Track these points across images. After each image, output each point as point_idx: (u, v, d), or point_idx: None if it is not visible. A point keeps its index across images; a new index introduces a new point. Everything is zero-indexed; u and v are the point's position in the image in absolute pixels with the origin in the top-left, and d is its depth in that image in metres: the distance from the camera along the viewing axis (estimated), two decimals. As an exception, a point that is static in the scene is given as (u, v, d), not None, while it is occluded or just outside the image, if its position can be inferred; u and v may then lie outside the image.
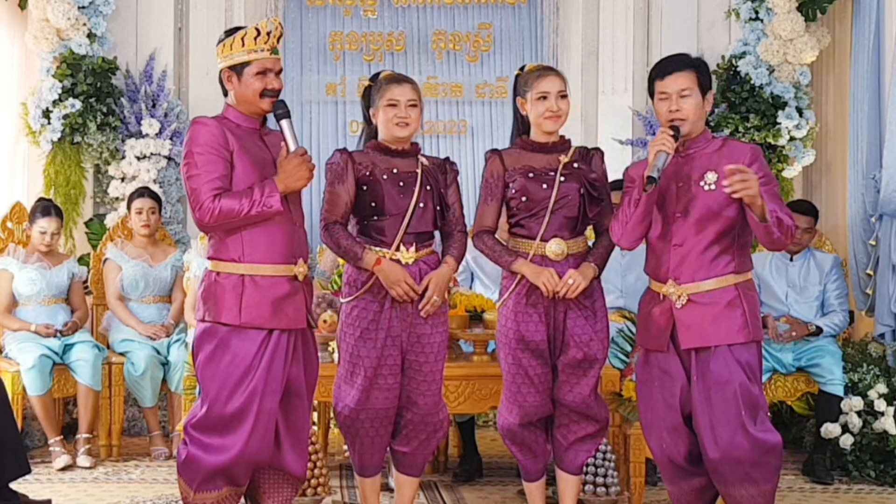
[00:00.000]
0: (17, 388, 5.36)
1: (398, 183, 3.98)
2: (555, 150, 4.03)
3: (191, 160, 3.56)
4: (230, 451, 3.56)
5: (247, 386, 3.55)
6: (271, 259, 3.61)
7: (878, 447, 5.26)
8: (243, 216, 3.53)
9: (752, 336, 3.63)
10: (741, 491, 3.57)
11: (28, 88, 6.41)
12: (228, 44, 3.63)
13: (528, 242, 3.99)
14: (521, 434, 4.04)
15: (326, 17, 7.28)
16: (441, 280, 3.99)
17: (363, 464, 4.10)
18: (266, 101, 3.64)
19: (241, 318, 3.57)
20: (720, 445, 3.56)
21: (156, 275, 5.90)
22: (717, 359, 3.60)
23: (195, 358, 3.66)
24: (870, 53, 5.96)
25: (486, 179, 4.08)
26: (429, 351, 4.01)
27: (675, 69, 3.69)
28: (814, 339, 5.41)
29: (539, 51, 7.27)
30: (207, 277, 3.67)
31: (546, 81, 4.02)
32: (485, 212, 4.09)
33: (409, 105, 3.99)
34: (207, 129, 3.58)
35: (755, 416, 3.58)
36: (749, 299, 3.65)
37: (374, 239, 3.99)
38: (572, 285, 3.90)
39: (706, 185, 3.64)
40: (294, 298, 3.65)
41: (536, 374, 3.98)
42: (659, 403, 3.74)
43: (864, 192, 5.90)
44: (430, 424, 4.07)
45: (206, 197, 3.51)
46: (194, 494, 3.60)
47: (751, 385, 3.59)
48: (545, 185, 3.97)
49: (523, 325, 3.97)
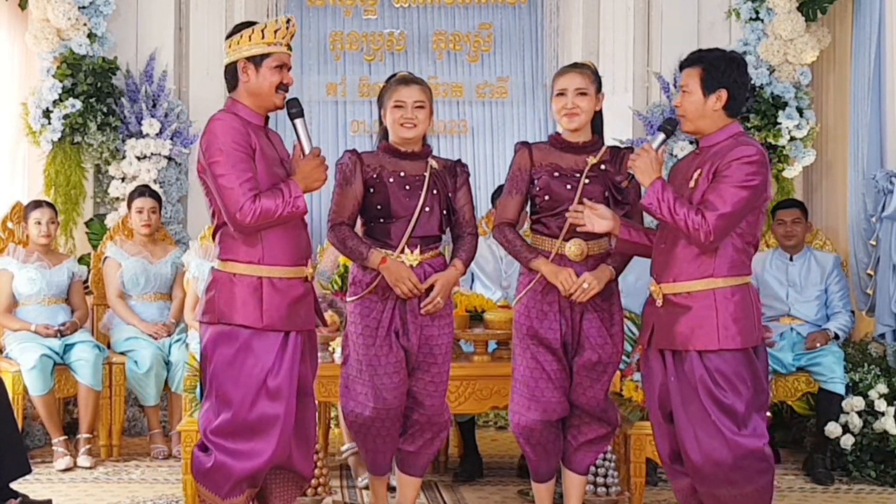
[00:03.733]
0: (18, 388, 5.35)
1: (405, 186, 3.97)
2: (584, 150, 3.98)
3: (219, 158, 3.46)
4: (262, 456, 3.52)
5: (273, 389, 3.51)
6: (289, 261, 3.58)
7: (878, 447, 5.26)
8: (276, 216, 3.48)
9: (724, 344, 3.48)
10: (721, 491, 3.53)
11: (28, 88, 6.41)
12: (247, 35, 3.57)
13: (549, 241, 3.96)
14: (540, 432, 3.98)
15: (327, 17, 7.30)
16: (447, 282, 3.99)
17: (375, 462, 4.11)
18: (280, 97, 3.62)
19: (263, 320, 3.52)
20: (701, 447, 3.51)
21: (156, 271, 5.90)
22: (688, 363, 3.54)
23: (206, 361, 3.58)
24: (870, 53, 5.96)
25: (513, 172, 4.04)
26: (437, 353, 4.01)
27: (682, 66, 3.68)
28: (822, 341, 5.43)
29: (539, 51, 7.28)
30: (218, 279, 3.58)
31: (564, 79, 3.98)
32: (507, 204, 4.05)
33: (415, 106, 3.98)
34: (231, 126, 3.50)
35: (735, 421, 3.49)
36: (733, 305, 3.51)
37: (379, 241, 3.99)
38: (587, 289, 3.86)
39: (691, 182, 3.59)
40: (307, 300, 3.64)
41: (553, 370, 3.95)
42: (648, 401, 3.75)
43: (864, 192, 5.89)
44: (435, 425, 4.07)
45: (245, 198, 3.43)
46: (223, 502, 3.55)
47: (722, 394, 3.48)
48: (569, 186, 3.93)
49: (537, 322, 3.95)
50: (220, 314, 3.54)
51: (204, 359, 3.60)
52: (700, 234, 3.46)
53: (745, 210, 3.51)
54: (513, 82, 7.32)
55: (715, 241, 3.49)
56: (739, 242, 3.56)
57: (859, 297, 5.91)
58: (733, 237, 3.54)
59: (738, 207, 3.48)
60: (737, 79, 3.60)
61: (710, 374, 3.50)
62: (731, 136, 3.60)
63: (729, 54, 3.66)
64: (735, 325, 3.51)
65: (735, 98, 3.60)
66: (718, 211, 3.46)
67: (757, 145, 3.57)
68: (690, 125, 3.66)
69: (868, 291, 5.83)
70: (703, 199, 3.51)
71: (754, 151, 3.51)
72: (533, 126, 7.25)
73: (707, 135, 3.64)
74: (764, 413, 3.61)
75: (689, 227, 3.47)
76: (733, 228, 3.51)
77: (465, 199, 4.11)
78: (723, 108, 3.60)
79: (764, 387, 3.60)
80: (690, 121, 3.64)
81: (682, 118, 3.67)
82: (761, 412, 3.58)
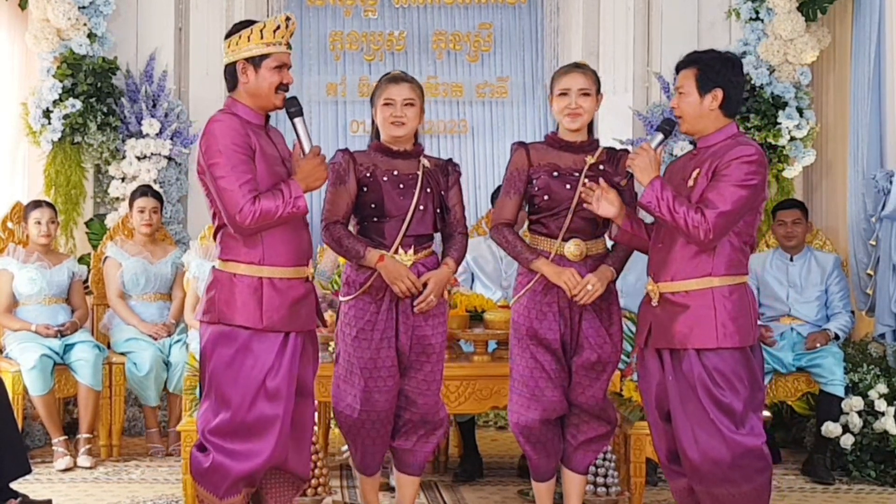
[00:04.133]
0: (18, 388, 5.36)
1: (398, 185, 3.98)
2: (582, 149, 3.98)
3: (218, 160, 3.45)
4: (260, 457, 3.51)
5: (271, 390, 3.51)
6: (289, 261, 3.57)
7: (878, 447, 5.26)
8: (277, 217, 3.47)
9: (723, 343, 3.50)
10: (719, 490, 3.53)
11: (28, 88, 6.41)
12: (245, 35, 3.55)
13: (548, 241, 3.96)
14: (540, 431, 3.99)
15: (327, 16, 7.29)
16: (440, 280, 3.99)
17: (364, 463, 4.12)
18: (280, 97, 3.61)
19: (264, 321, 3.51)
20: (699, 446, 3.51)
21: (156, 271, 5.90)
22: (686, 362, 3.55)
23: (205, 361, 3.57)
24: (870, 53, 5.96)
25: (510, 172, 4.03)
26: (430, 352, 4.01)
27: (678, 68, 3.69)
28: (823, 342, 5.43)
29: (539, 51, 7.28)
30: (218, 279, 3.57)
31: (567, 78, 3.97)
32: (505, 204, 4.05)
33: (404, 104, 3.98)
34: (230, 128, 3.49)
35: (733, 420, 3.50)
36: (731, 304, 3.53)
37: (373, 241, 3.99)
38: (591, 291, 3.86)
39: (690, 181, 3.60)
40: (308, 300, 3.64)
41: (553, 370, 3.95)
42: (645, 401, 3.75)
43: (864, 192, 5.89)
44: (429, 423, 4.08)
45: (244, 200, 3.42)
46: (220, 502, 3.55)
47: (720, 392, 3.50)
48: (568, 186, 3.92)
49: (536, 322, 3.95)
50: (220, 314, 3.53)
51: (203, 359, 3.59)
52: (700, 232, 3.47)
53: (744, 209, 3.52)
54: (513, 82, 7.32)
55: (714, 240, 3.50)
56: (737, 242, 3.57)
57: (859, 297, 5.91)
58: (731, 236, 3.55)
59: (738, 206, 3.49)
60: (732, 78, 3.62)
61: (709, 373, 3.51)
62: (730, 137, 3.61)
63: (723, 54, 3.67)
64: (733, 323, 3.52)
65: (731, 97, 3.61)
66: (718, 209, 3.47)
67: (755, 145, 3.58)
68: (688, 126, 3.67)
69: (868, 291, 5.84)
70: (702, 197, 3.52)
71: (753, 151, 3.53)
72: (533, 126, 7.25)
73: (705, 135, 3.66)
74: (761, 412, 3.62)
75: (688, 226, 3.48)
76: (732, 227, 3.53)
77: (457, 199, 4.12)
78: (719, 107, 3.61)
79: (761, 385, 3.62)
80: (688, 122, 3.66)
81: (679, 119, 3.68)
82: (758, 411, 3.60)
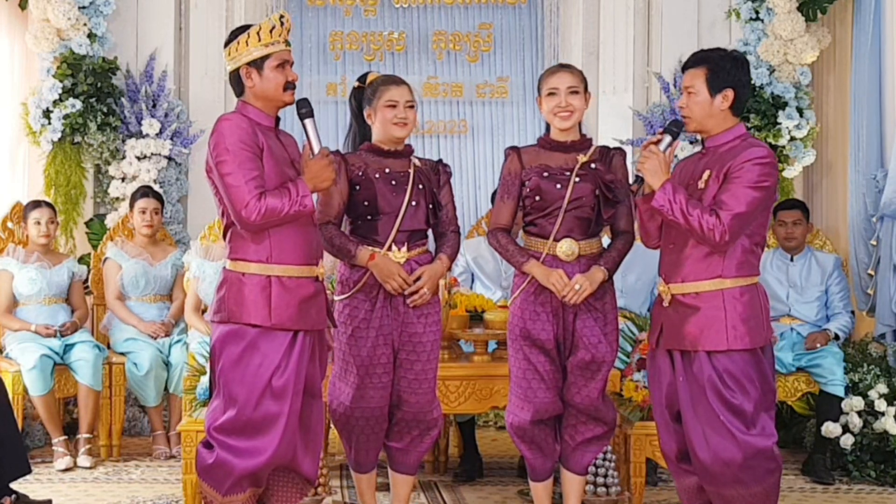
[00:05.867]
0: (18, 388, 5.36)
1: (390, 181, 4.01)
2: (574, 149, 3.99)
3: (225, 158, 3.48)
4: (263, 454, 3.53)
5: (277, 388, 3.52)
6: (298, 260, 3.59)
7: (878, 447, 5.26)
8: (283, 215, 3.49)
9: (733, 345, 3.51)
10: (730, 491, 3.54)
11: (28, 88, 6.41)
12: (243, 41, 3.58)
13: (541, 242, 3.97)
14: (532, 431, 4.00)
15: (327, 16, 7.29)
16: (434, 274, 4.01)
17: (358, 460, 4.13)
18: (289, 94, 3.63)
19: (272, 319, 3.53)
20: (710, 446, 3.52)
21: (156, 273, 5.90)
22: (697, 363, 3.56)
23: (215, 359, 3.59)
24: (870, 53, 5.96)
25: (504, 177, 4.06)
26: (420, 350, 4.02)
27: (686, 67, 3.69)
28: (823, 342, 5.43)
29: (539, 51, 7.27)
30: (228, 278, 3.60)
31: (555, 78, 3.99)
32: (500, 209, 4.07)
33: (406, 106, 4.03)
34: (238, 126, 3.52)
35: (744, 421, 3.51)
36: (742, 305, 3.53)
37: (367, 239, 4.01)
38: (579, 290, 3.87)
39: (701, 182, 3.60)
40: (317, 299, 3.65)
41: (546, 371, 3.96)
42: (654, 401, 3.75)
43: (864, 192, 5.90)
44: (422, 422, 4.08)
45: (250, 196, 3.45)
46: (222, 498, 3.56)
47: (730, 394, 3.50)
48: (559, 185, 3.93)
49: (530, 322, 3.96)
50: (230, 313, 3.56)
51: (213, 357, 3.63)
52: (715, 234, 3.47)
53: (757, 210, 3.53)
54: (513, 82, 7.32)
55: (730, 242, 3.50)
56: (748, 243, 3.58)
57: (859, 298, 5.91)
58: (742, 238, 3.55)
59: (752, 208, 3.50)
60: (741, 78, 3.62)
61: (719, 375, 3.52)
62: (738, 137, 3.62)
63: (732, 53, 3.67)
64: (744, 325, 3.52)
65: (741, 98, 3.62)
66: (733, 211, 3.47)
67: (766, 147, 3.60)
68: (696, 126, 3.67)
69: (868, 291, 5.84)
70: (715, 199, 3.52)
71: (766, 153, 3.54)
72: (533, 126, 7.24)
73: (713, 135, 3.65)
74: (772, 413, 3.61)
75: (703, 228, 3.48)
76: (746, 229, 3.53)
77: (448, 198, 4.15)
78: (729, 107, 3.61)
79: (772, 386, 3.61)
80: (696, 121, 3.65)
81: (686, 119, 3.67)
82: (769, 412, 3.59)
